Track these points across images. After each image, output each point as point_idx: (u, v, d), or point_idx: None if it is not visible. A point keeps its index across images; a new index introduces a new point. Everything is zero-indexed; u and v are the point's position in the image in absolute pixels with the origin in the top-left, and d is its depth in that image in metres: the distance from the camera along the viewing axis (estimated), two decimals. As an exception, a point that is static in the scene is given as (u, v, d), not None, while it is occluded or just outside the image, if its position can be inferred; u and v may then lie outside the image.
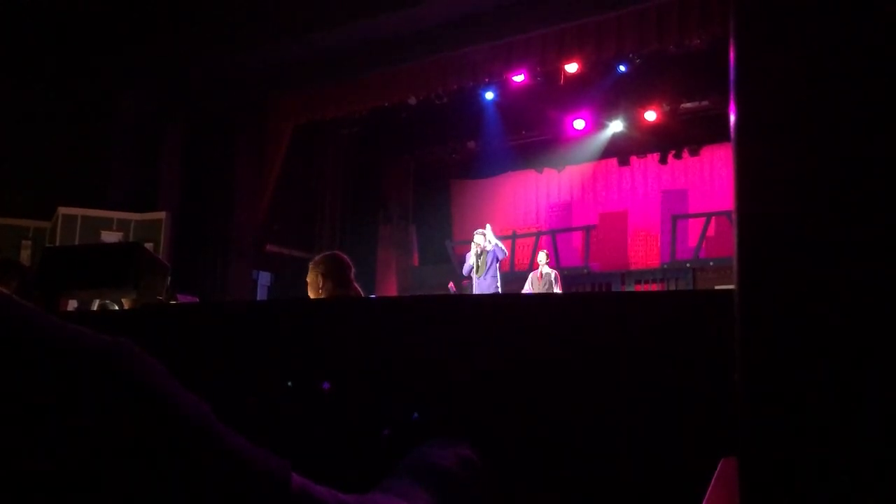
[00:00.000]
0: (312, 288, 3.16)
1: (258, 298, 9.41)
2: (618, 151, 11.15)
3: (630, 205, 11.49)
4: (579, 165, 11.66)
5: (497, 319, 0.97)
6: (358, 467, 0.91)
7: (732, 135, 0.41)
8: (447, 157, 11.59)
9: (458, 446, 0.83)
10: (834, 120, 0.38)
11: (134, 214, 8.20)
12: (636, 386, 0.84)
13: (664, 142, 10.52)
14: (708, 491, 0.57)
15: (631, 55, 8.03)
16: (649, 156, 11.17)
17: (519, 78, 8.70)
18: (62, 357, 0.42)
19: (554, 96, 9.40)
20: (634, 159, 11.40)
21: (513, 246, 10.84)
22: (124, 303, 4.05)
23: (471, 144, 11.07)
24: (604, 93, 9.25)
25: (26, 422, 0.39)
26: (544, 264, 7.98)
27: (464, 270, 7.72)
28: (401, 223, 12.40)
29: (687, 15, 6.98)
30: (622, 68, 8.61)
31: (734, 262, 0.41)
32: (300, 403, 0.98)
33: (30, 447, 0.39)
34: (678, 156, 10.64)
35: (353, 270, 3.22)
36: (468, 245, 7.83)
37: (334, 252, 3.39)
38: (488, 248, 7.47)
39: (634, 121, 10.13)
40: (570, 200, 12.02)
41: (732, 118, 0.42)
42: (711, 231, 9.45)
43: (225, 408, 0.51)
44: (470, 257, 7.60)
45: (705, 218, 9.47)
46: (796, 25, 0.39)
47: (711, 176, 10.75)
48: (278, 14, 7.86)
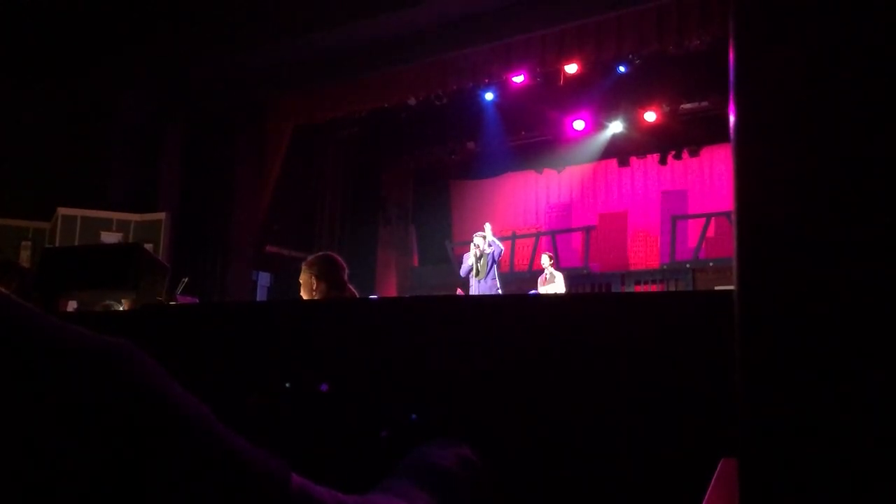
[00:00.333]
0: (306, 289, 3.14)
1: (258, 299, 9.41)
2: (617, 152, 11.15)
3: (630, 205, 11.49)
4: (579, 166, 11.67)
5: (496, 320, 0.97)
6: (357, 468, 0.91)
7: (732, 135, 0.42)
8: (447, 158, 11.59)
9: (458, 446, 0.83)
10: (834, 120, 0.38)
11: (134, 215, 8.20)
12: (636, 386, 0.84)
13: (664, 142, 10.52)
14: (708, 491, 0.58)
15: (631, 56, 8.03)
16: (649, 156, 11.17)
17: (519, 78, 8.70)
18: (61, 358, 0.42)
19: (554, 97, 9.41)
20: (634, 160, 11.40)
21: (512, 246, 10.84)
22: (123, 303, 4.06)
23: (470, 145, 11.07)
24: (603, 93, 9.25)
25: (26, 422, 0.39)
26: (549, 266, 7.90)
27: (462, 272, 7.70)
28: (400, 224, 12.40)
29: (686, 15, 6.98)
30: (622, 69, 8.62)
31: (734, 263, 0.41)
32: (299, 405, 0.98)
33: (29, 448, 0.39)
34: (678, 156, 10.64)
35: (347, 271, 3.21)
36: (468, 246, 7.81)
37: (327, 253, 3.37)
38: (487, 251, 7.45)
39: (634, 121, 10.13)
40: (570, 201, 12.02)
41: (732, 119, 0.42)
42: (711, 232, 9.45)
43: (224, 408, 0.51)
44: (469, 258, 7.57)
45: (705, 218, 9.48)
46: (796, 25, 0.39)
47: (711, 176, 10.75)
48: (278, 14, 7.86)
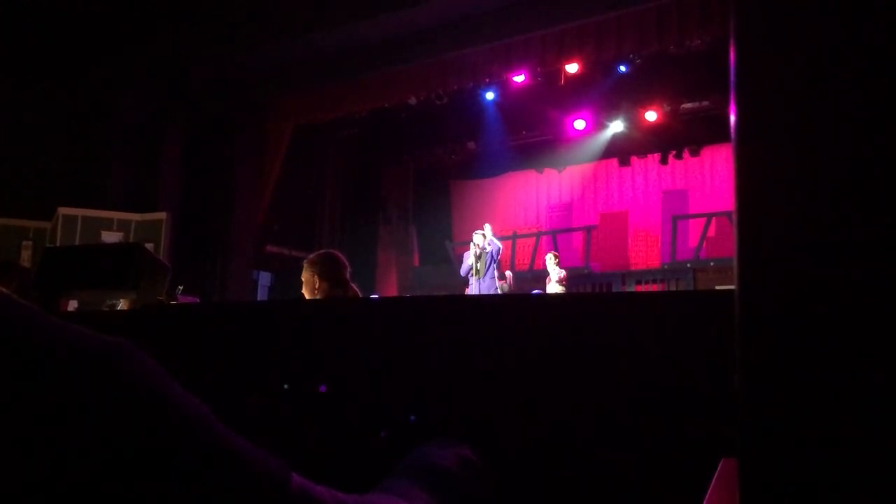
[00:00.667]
0: (308, 287, 3.11)
1: (258, 298, 9.41)
2: (618, 152, 11.15)
3: (630, 205, 11.50)
4: (580, 166, 11.67)
5: (496, 319, 0.97)
6: (356, 469, 0.91)
7: (733, 135, 0.41)
8: (447, 158, 11.59)
9: (458, 446, 0.83)
10: (834, 120, 0.38)
11: (134, 215, 8.20)
12: (636, 386, 0.84)
13: (665, 142, 10.52)
14: (708, 491, 0.57)
15: (631, 55, 8.03)
16: (650, 156, 11.18)
17: (519, 78, 8.70)
18: (62, 357, 0.42)
19: (554, 96, 9.41)
20: (635, 159, 11.41)
21: (513, 246, 10.84)
22: (122, 303, 4.06)
23: (471, 145, 11.08)
24: (604, 93, 9.25)
25: (26, 422, 0.39)
26: (554, 265, 7.84)
27: (462, 271, 7.69)
28: (401, 223, 12.40)
29: (687, 15, 6.98)
30: (622, 69, 8.62)
31: (734, 263, 0.41)
32: (298, 405, 0.98)
33: (29, 447, 0.39)
34: (679, 156, 10.65)
35: (349, 270, 3.19)
36: (468, 245, 7.81)
37: (330, 251, 3.34)
38: (488, 249, 7.45)
39: (635, 121, 10.13)
40: (571, 201, 12.02)
41: (733, 118, 0.42)
42: (712, 231, 9.45)
43: (224, 408, 0.51)
44: (469, 258, 7.57)
45: (706, 218, 9.48)
46: (797, 26, 0.39)
47: (712, 176, 10.75)
48: (278, 14, 7.86)
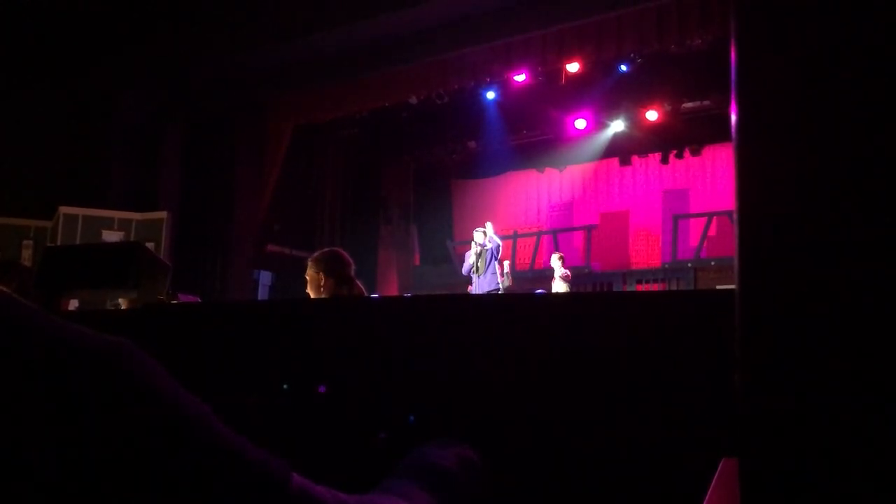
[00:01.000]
0: (313, 285, 3.09)
1: (259, 298, 9.41)
2: (619, 151, 11.15)
3: (631, 204, 11.49)
4: (580, 165, 11.67)
5: (497, 319, 0.97)
6: (355, 469, 0.91)
7: (734, 134, 0.41)
8: (448, 157, 11.59)
9: (458, 446, 0.83)
10: (834, 120, 0.38)
11: (135, 214, 8.20)
12: (637, 385, 0.84)
13: (665, 141, 10.51)
14: (709, 491, 0.57)
15: (632, 55, 8.03)
16: (651, 155, 11.17)
17: (520, 77, 8.69)
18: (63, 357, 0.42)
19: (555, 96, 9.40)
20: (636, 159, 11.40)
21: (514, 246, 10.84)
22: (121, 303, 4.05)
23: (472, 144, 11.07)
24: (605, 92, 9.25)
25: (27, 422, 0.39)
26: (560, 267, 7.82)
27: (464, 270, 7.69)
28: (401, 223, 12.39)
29: (687, 15, 6.97)
30: (623, 68, 8.61)
31: (735, 262, 0.41)
32: (297, 406, 0.98)
33: (30, 447, 0.39)
34: (679, 155, 10.64)
35: (354, 267, 3.18)
36: (469, 245, 7.81)
37: (334, 249, 3.32)
38: (488, 247, 7.45)
39: (636, 120, 10.13)
40: (572, 200, 12.02)
41: (733, 118, 0.42)
42: (713, 231, 9.45)
43: (224, 408, 0.51)
44: (470, 256, 7.57)
45: (707, 218, 9.48)
46: (796, 26, 0.39)
47: (713, 176, 10.75)
48: (278, 15, 7.86)
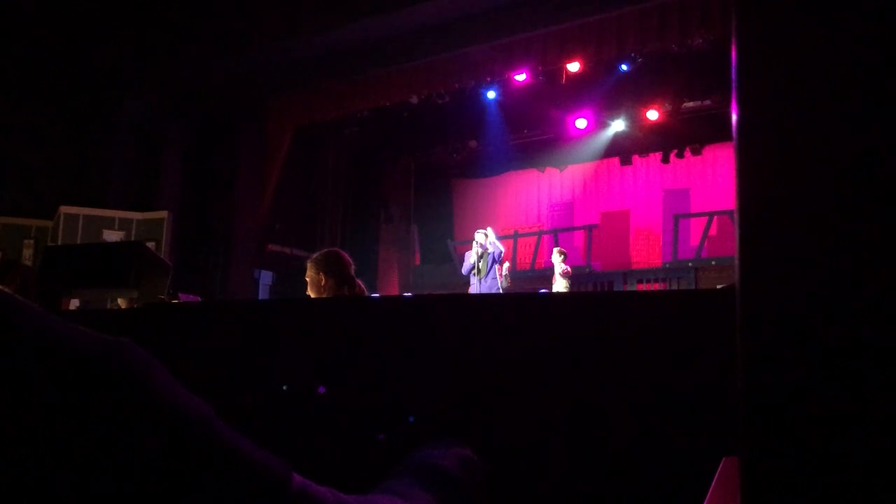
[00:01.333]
0: (314, 285, 3.10)
1: (260, 297, 9.42)
2: (620, 150, 11.14)
3: (632, 204, 11.49)
4: (581, 164, 11.66)
5: (496, 319, 0.97)
6: (355, 470, 0.91)
7: (734, 134, 0.41)
8: (448, 157, 11.59)
9: (459, 446, 0.83)
10: (835, 119, 0.38)
11: (136, 213, 8.20)
12: (637, 385, 0.84)
13: (666, 141, 10.51)
14: (710, 490, 0.57)
15: (633, 54, 8.03)
16: (651, 155, 11.17)
17: (521, 77, 8.69)
18: (64, 357, 0.42)
19: (556, 95, 9.40)
20: (636, 158, 11.39)
21: (514, 245, 10.83)
22: (120, 302, 4.05)
23: (472, 144, 11.07)
24: (606, 92, 9.24)
25: (28, 422, 0.39)
26: (560, 263, 7.85)
27: (464, 270, 7.68)
28: (402, 223, 12.39)
29: (688, 14, 6.97)
30: (624, 67, 8.61)
31: (736, 262, 0.41)
32: (296, 407, 0.98)
33: (31, 447, 0.39)
34: (680, 155, 10.63)
35: (353, 266, 3.19)
36: (470, 244, 7.81)
37: (333, 249, 3.34)
38: (490, 250, 7.45)
39: (636, 120, 10.12)
40: (572, 199, 12.01)
41: (734, 117, 0.42)
42: (713, 230, 9.45)
43: (224, 408, 0.51)
44: (471, 256, 7.55)
45: (707, 217, 9.47)
46: (798, 25, 0.39)
47: (714, 175, 10.74)
48: (278, 15, 7.87)
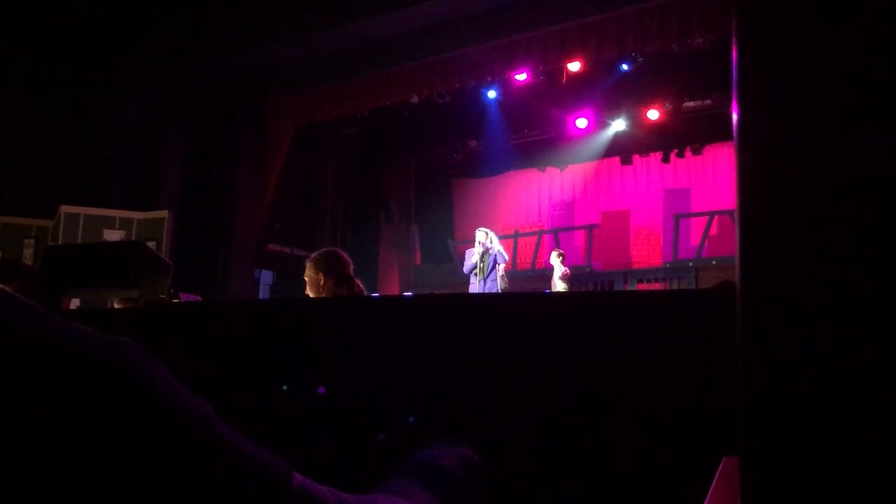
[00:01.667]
0: (313, 285, 3.10)
1: (260, 297, 9.42)
2: (620, 150, 11.14)
3: (632, 204, 11.48)
4: (582, 164, 11.66)
5: (497, 319, 0.97)
6: (355, 470, 0.91)
7: (735, 133, 0.41)
8: (449, 157, 11.59)
9: (459, 446, 0.83)
10: (836, 119, 0.38)
11: (136, 213, 8.20)
12: (637, 385, 0.84)
13: (667, 141, 10.51)
14: (710, 490, 0.57)
15: (633, 54, 8.03)
16: (652, 155, 11.17)
17: (521, 77, 8.69)
18: (64, 356, 0.42)
19: (556, 95, 9.40)
20: (637, 158, 11.39)
21: (515, 245, 10.83)
22: (115, 303, 4.06)
23: (473, 143, 11.07)
24: (606, 91, 9.24)
25: (28, 421, 0.39)
26: (559, 265, 7.84)
27: (465, 269, 7.66)
28: (402, 222, 12.39)
29: (688, 14, 6.97)
30: (624, 67, 8.61)
31: (736, 262, 0.41)
32: (296, 407, 0.98)
33: (31, 447, 0.39)
34: (681, 155, 10.63)
35: (352, 266, 3.19)
36: (470, 244, 7.80)
37: (332, 249, 3.34)
38: (491, 249, 7.44)
39: (637, 120, 10.12)
40: (573, 199, 12.01)
41: (735, 117, 0.41)
42: (714, 230, 9.44)
43: (224, 408, 0.51)
44: (472, 255, 7.53)
45: (708, 217, 9.47)
46: (798, 24, 0.39)
47: (714, 175, 10.74)
48: (278, 14, 7.87)
